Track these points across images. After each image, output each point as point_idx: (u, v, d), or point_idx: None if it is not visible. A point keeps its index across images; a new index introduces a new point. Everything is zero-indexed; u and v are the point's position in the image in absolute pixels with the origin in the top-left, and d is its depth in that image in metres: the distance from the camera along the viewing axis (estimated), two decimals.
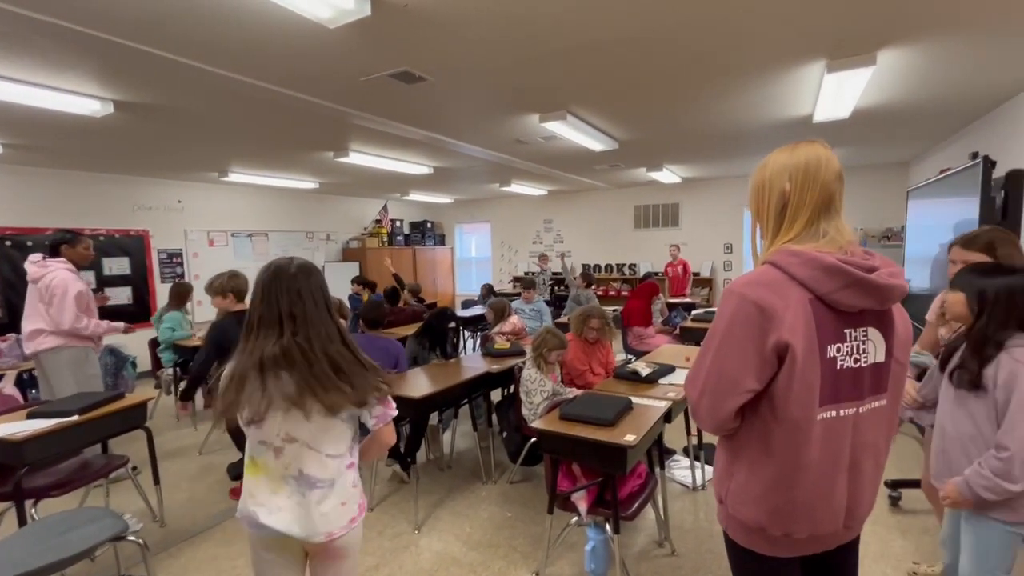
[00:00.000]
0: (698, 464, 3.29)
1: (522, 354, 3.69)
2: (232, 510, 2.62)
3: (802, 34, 2.60)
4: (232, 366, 1.32)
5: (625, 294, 8.42)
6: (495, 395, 3.66)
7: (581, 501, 2.22)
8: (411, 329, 4.48)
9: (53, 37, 2.38)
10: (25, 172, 5.49)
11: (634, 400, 2.46)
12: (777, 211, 1.09)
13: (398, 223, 10.00)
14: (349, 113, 3.75)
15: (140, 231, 6.46)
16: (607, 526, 2.21)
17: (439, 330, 4.07)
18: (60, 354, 3.26)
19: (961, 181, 3.59)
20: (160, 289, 6.56)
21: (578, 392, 2.85)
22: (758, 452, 1.06)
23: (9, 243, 5.37)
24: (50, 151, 4.83)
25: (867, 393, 1.05)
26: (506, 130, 4.45)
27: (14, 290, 5.23)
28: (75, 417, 2.42)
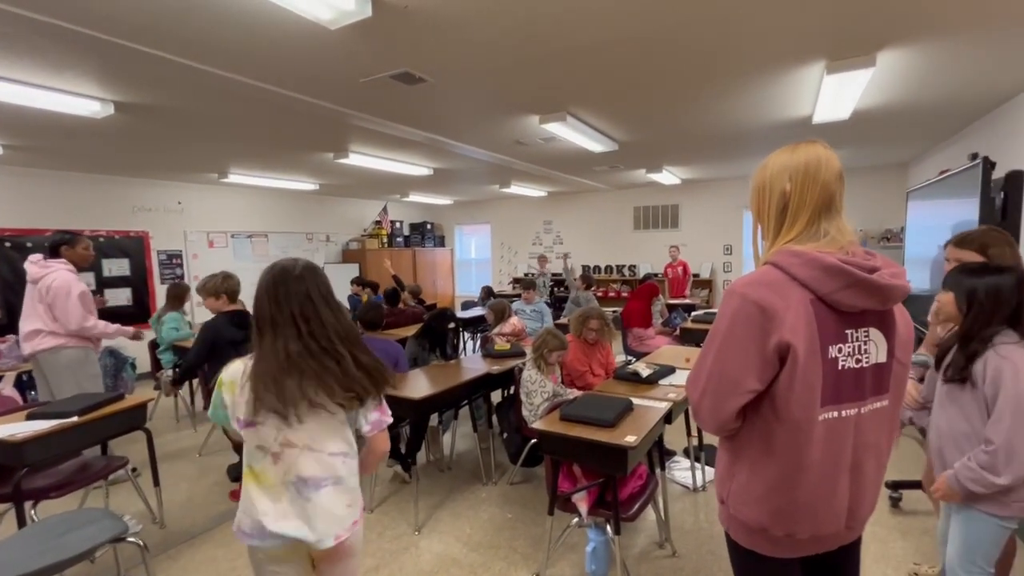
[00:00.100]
0: (698, 465, 3.29)
1: (522, 355, 3.68)
2: (232, 511, 2.60)
3: (802, 35, 2.61)
4: (253, 367, 1.30)
5: (625, 295, 8.42)
6: (495, 396, 3.66)
7: (582, 502, 2.21)
8: (411, 330, 4.48)
9: (53, 38, 2.38)
10: (25, 173, 5.49)
11: (634, 401, 2.46)
12: (778, 211, 1.09)
13: (398, 224, 9.99)
14: (349, 114, 3.75)
15: (140, 232, 6.45)
16: (608, 527, 2.21)
17: (439, 331, 4.07)
18: (59, 354, 3.25)
19: (961, 182, 3.59)
20: (160, 291, 6.54)
21: (578, 393, 2.85)
22: (760, 453, 1.06)
23: (9, 244, 5.36)
24: (50, 152, 4.83)
25: (869, 394, 1.05)
26: (506, 131, 4.46)
27: (13, 291, 5.21)
28: (75, 418, 2.42)
